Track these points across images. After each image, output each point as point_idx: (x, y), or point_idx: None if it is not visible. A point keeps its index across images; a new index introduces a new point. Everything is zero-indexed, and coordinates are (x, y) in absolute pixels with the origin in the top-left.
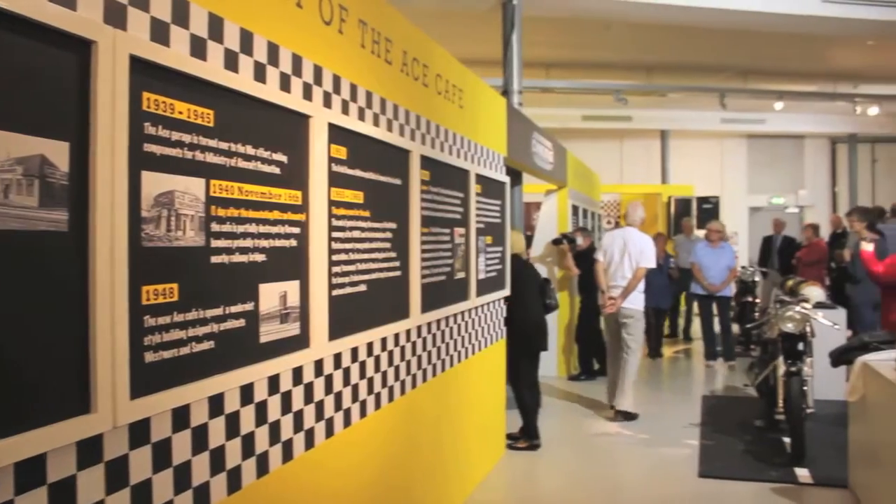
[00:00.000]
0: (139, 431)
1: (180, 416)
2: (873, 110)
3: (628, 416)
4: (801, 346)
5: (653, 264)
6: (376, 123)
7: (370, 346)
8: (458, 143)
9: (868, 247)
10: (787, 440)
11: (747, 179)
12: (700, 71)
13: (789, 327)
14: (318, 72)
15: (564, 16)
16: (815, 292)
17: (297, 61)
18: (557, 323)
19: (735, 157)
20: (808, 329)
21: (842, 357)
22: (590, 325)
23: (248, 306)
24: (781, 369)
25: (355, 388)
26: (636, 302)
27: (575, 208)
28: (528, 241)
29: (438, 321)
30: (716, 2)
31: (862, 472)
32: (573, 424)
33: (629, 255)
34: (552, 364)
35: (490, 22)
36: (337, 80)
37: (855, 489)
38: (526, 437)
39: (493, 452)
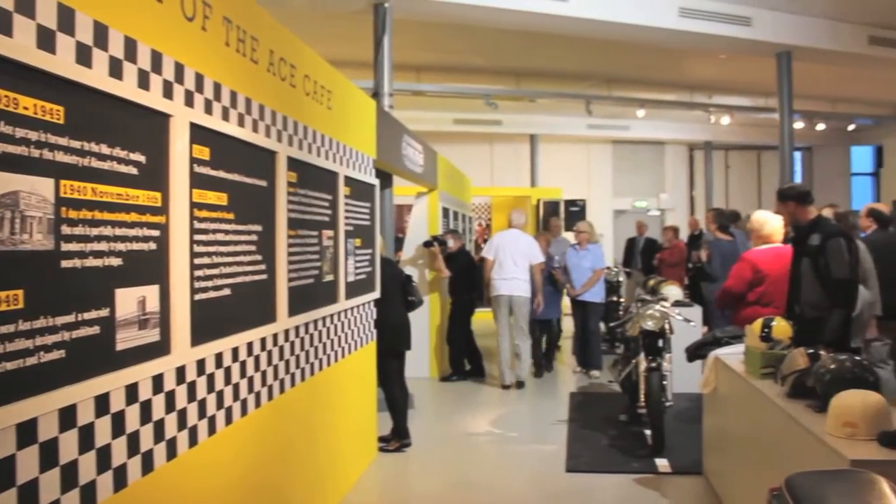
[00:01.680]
0: None
1: (26, 431)
2: (725, 120)
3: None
4: (660, 343)
5: (541, 258)
6: (241, 124)
7: (236, 351)
8: (327, 144)
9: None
10: (648, 433)
11: (612, 183)
12: (567, 78)
13: (649, 325)
14: (179, 69)
15: (435, 20)
16: (673, 291)
17: (156, 58)
18: (429, 324)
19: (601, 162)
20: (667, 326)
21: (696, 352)
22: (461, 327)
23: (104, 312)
24: (642, 366)
25: (220, 395)
26: (523, 290)
27: (445, 211)
28: (399, 243)
29: (307, 324)
30: (580, 12)
31: (714, 459)
32: (444, 424)
33: (515, 252)
34: (424, 365)
35: (361, 24)
36: (200, 79)
37: (708, 476)
38: (396, 438)
39: (365, 454)
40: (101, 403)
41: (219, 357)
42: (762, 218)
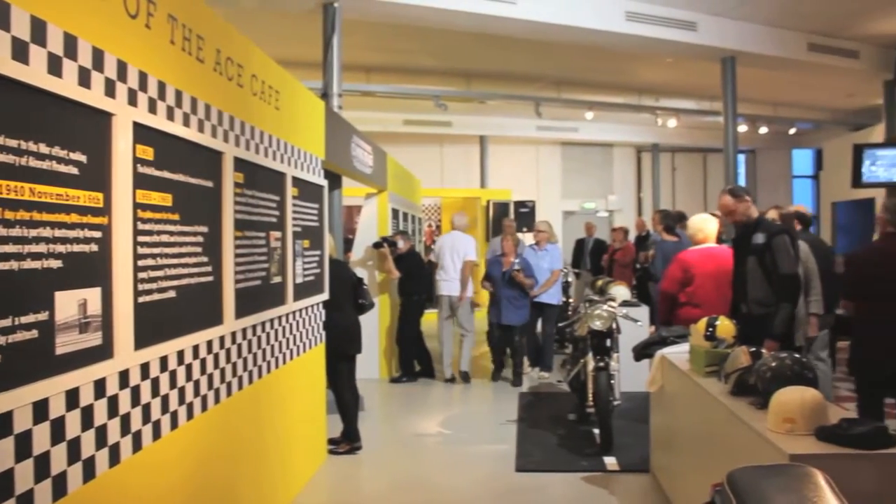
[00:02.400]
0: None
1: None
2: (672, 123)
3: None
4: (608, 343)
5: (473, 256)
6: (186, 123)
7: (181, 354)
8: (275, 145)
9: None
10: (596, 432)
11: (561, 184)
12: (517, 80)
13: (597, 325)
14: (122, 67)
15: (385, 20)
16: (621, 291)
17: (98, 55)
18: (379, 325)
19: (550, 163)
20: (614, 326)
21: (643, 351)
22: (411, 328)
23: (42, 316)
24: (591, 365)
25: (165, 399)
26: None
27: (395, 212)
28: (349, 244)
29: (254, 327)
30: (529, 14)
31: (661, 456)
32: (394, 426)
33: (454, 253)
34: (374, 366)
35: (311, 24)
36: (143, 77)
37: (655, 473)
38: (347, 441)
39: (314, 457)
40: (40, 410)
41: (164, 360)
42: (696, 223)
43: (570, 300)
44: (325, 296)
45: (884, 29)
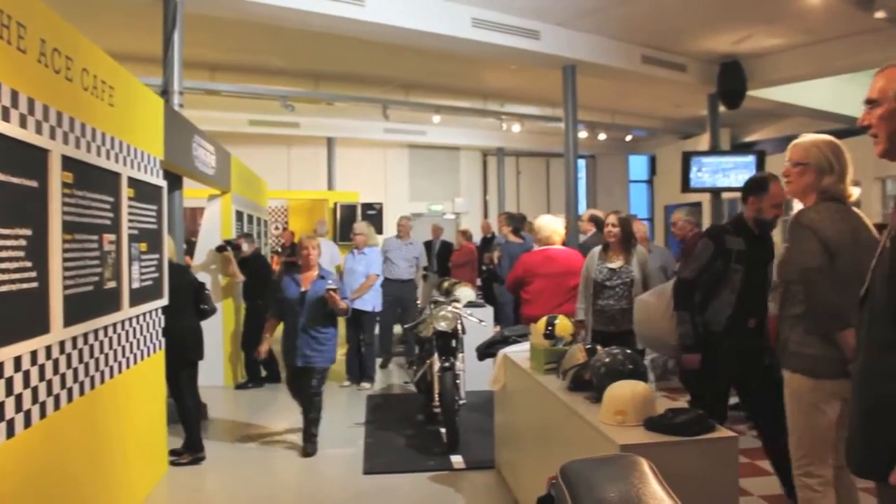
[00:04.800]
0: None
1: None
2: (516, 127)
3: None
4: (453, 343)
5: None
6: (6, 118)
7: (0, 366)
8: (108, 143)
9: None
10: (443, 431)
11: (409, 187)
12: (365, 82)
13: (442, 326)
14: None
15: (231, 16)
16: (466, 292)
17: None
18: (223, 330)
19: (397, 166)
20: (459, 327)
21: (486, 351)
22: (256, 333)
23: None
24: (436, 366)
25: None
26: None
27: (240, 214)
28: (191, 247)
29: (86, 335)
30: (377, 17)
31: (505, 452)
32: (240, 434)
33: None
34: (218, 373)
35: (152, 17)
36: None
37: (500, 469)
38: (189, 451)
39: (154, 469)
40: None
41: None
42: (541, 224)
43: (418, 302)
44: (164, 301)
45: (708, 46)
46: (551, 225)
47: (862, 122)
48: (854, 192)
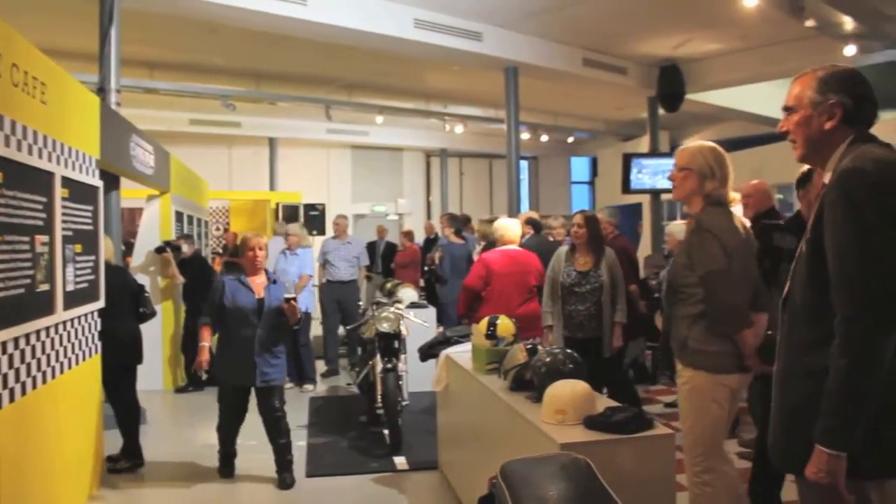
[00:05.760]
0: None
1: None
2: (459, 129)
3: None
4: (396, 344)
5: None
6: None
7: None
8: (41, 142)
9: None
10: (386, 432)
11: (351, 188)
12: (308, 82)
13: (384, 327)
14: None
15: (168, 12)
16: (409, 293)
17: None
18: (162, 333)
19: (340, 167)
20: (401, 328)
21: (429, 351)
22: (196, 335)
23: None
24: (379, 367)
25: None
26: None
27: (179, 214)
28: (130, 248)
29: (16, 339)
30: (319, 17)
31: (448, 453)
32: (179, 439)
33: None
34: (158, 376)
35: (88, 13)
36: None
37: (443, 469)
38: (127, 457)
39: (91, 477)
40: None
41: None
42: (498, 224)
43: (361, 303)
44: (100, 303)
45: (647, 50)
46: (511, 226)
47: (780, 129)
48: (736, 197)
